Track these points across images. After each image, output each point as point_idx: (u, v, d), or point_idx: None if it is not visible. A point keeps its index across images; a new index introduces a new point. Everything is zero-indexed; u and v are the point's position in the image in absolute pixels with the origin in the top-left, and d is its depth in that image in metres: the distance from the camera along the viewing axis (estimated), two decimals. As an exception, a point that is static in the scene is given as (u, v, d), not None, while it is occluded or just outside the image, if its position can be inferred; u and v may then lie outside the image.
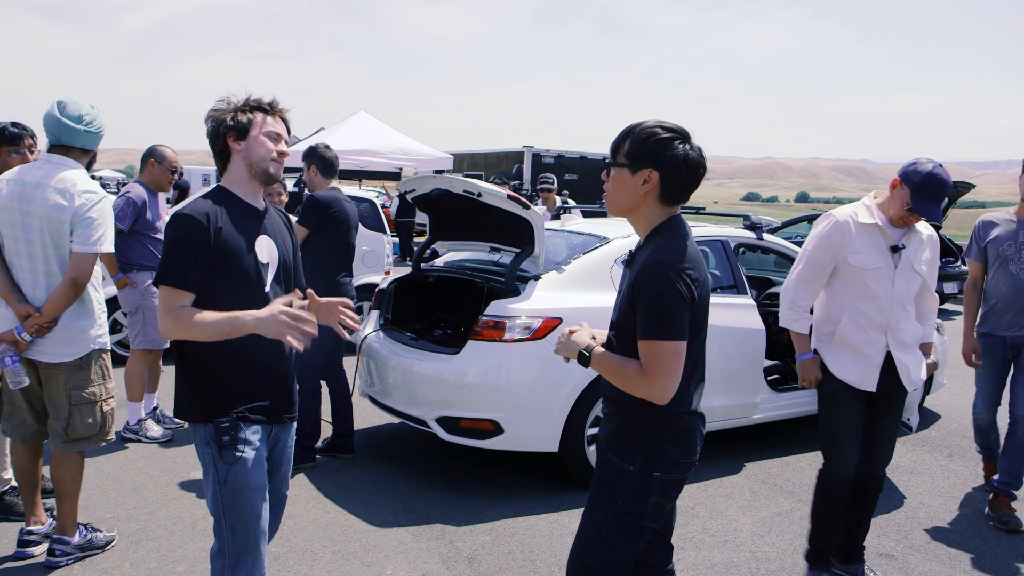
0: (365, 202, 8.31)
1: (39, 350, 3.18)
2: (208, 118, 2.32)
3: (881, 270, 3.12)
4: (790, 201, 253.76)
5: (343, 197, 4.60)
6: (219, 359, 2.25)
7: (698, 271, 2.03)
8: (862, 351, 3.17)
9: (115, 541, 3.50)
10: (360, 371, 4.89)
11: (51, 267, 3.15)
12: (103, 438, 3.34)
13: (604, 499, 2.16)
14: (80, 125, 3.19)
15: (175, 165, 4.99)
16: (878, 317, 3.15)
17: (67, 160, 3.20)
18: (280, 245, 2.41)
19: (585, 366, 2.14)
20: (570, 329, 2.22)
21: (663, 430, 2.09)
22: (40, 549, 3.37)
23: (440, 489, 4.33)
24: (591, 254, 4.55)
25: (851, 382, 3.19)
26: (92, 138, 3.26)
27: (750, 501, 4.34)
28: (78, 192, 3.12)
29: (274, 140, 2.32)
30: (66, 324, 3.18)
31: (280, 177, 2.41)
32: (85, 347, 3.23)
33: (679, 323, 1.98)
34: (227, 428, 2.22)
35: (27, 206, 3.10)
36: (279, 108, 2.37)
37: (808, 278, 3.25)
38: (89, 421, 3.25)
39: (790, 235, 13.67)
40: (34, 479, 3.41)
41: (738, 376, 4.78)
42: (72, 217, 3.10)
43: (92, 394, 3.26)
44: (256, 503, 2.29)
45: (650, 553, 2.29)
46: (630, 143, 2.07)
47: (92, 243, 3.13)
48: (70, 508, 3.30)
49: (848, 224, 3.15)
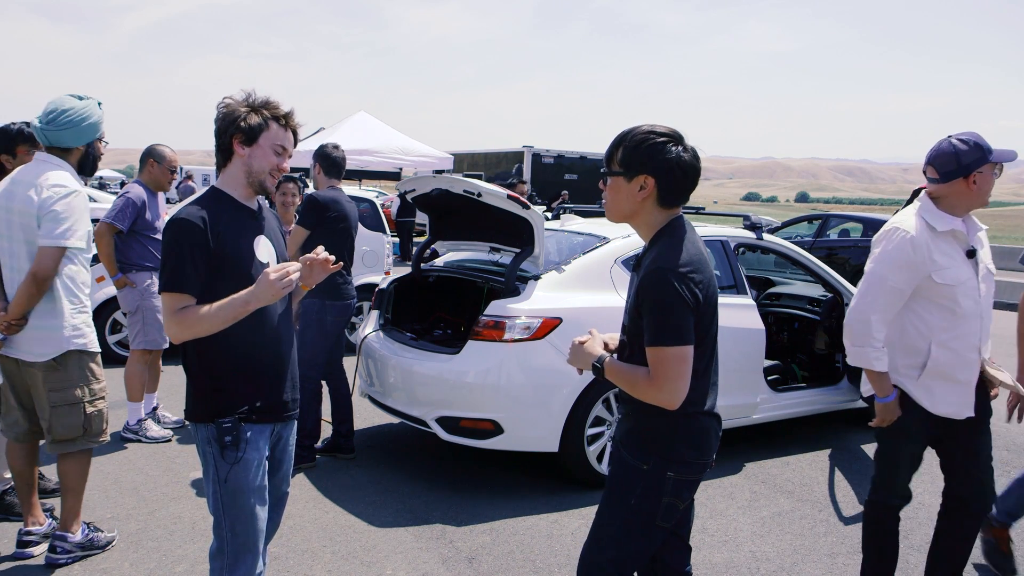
0: (365, 202, 8.31)
1: (16, 348, 3.16)
2: (221, 110, 2.30)
3: (969, 282, 2.74)
4: (790, 201, 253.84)
5: (343, 197, 4.60)
6: (221, 359, 2.25)
7: (701, 273, 2.03)
8: (958, 378, 2.78)
9: (115, 541, 3.49)
10: (360, 371, 4.89)
11: (23, 264, 3.14)
12: (91, 440, 3.28)
13: (617, 498, 2.17)
14: (44, 124, 3.14)
15: (174, 164, 4.99)
16: (972, 336, 2.76)
17: (53, 159, 3.19)
18: (276, 244, 2.43)
19: (600, 378, 2.16)
20: (580, 340, 2.21)
21: (677, 430, 2.10)
22: (40, 549, 3.36)
23: (440, 489, 4.33)
24: (591, 254, 4.55)
25: (948, 414, 2.81)
26: (68, 134, 3.17)
27: (750, 501, 4.34)
28: (47, 186, 3.09)
29: (278, 154, 2.31)
30: (36, 323, 3.14)
31: (273, 191, 2.40)
32: (59, 347, 3.15)
33: (683, 328, 1.98)
34: (229, 428, 2.22)
35: (10, 203, 3.13)
36: (291, 120, 2.34)
37: (884, 307, 2.75)
38: (70, 424, 3.19)
39: (790, 235, 13.71)
40: (30, 480, 3.39)
41: (738, 376, 4.78)
42: (38, 210, 3.07)
43: (72, 396, 3.19)
44: (256, 503, 2.29)
45: (667, 554, 2.30)
46: (623, 150, 2.07)
47: (55, 236, 3.06)
48: (73, 504, 3.28)
49: (923, 236, 2.72)
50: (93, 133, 3.26)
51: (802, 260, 5.45)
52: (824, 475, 4.79)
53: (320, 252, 2.39)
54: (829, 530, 4.00)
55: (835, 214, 14.63)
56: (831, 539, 3.90)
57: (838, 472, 4.85)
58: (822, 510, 4.25)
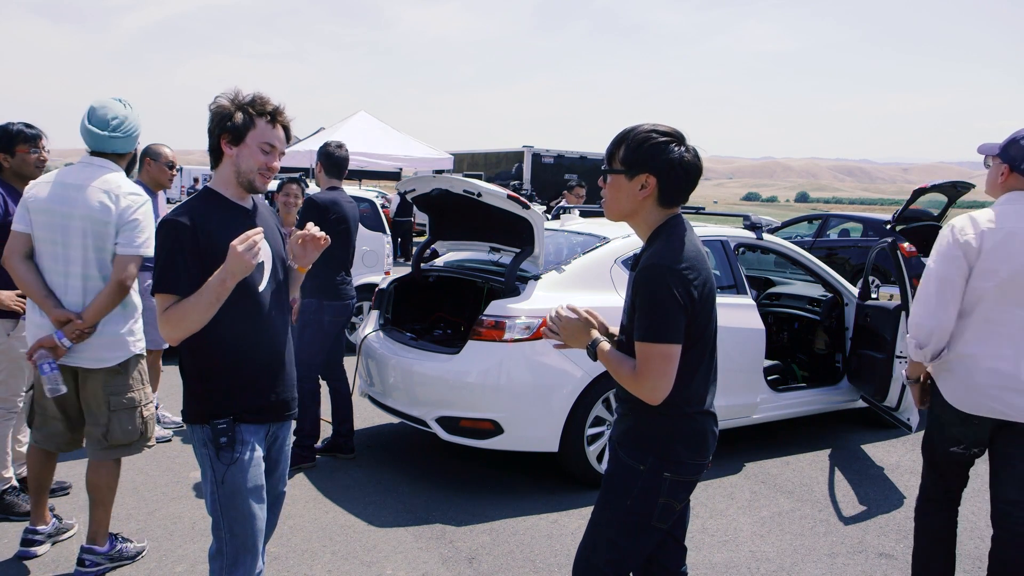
0: (365, 202, 8.30)
1: (78, 356, 3.09)
2: (211, 110, 2.29)
3: None
4: (790, 201, 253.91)
5: (343, 197, 4.61)
6: (215, 360, 2.25)
7: (697, 271, 2.02)
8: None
9: (146, 551, 3.43)
10: (360, 371, 4.89)
11: (90, 271, 3.08)
12: (144, 444, 3.27)
13: (613, 498, 2.16)
14: (106, 131, 3.13)
15: (172, 161, 4.96)
16: None
17: (107, 163, 3.17)
18: (272, 241, 2.40)
19: (593, 359, 2.17)
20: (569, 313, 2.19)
21: (674, 430, 2.09)
22: (43, 549, 3.35)
23: (440, 489, 4.33)
24: (591, 254, 4.55)
25: None
26: (123, 142, 3.20)
27: (750, 501, 4.34)
28: (123, 194, 3.09)
29: (267, 153, 2.28)
30: (108, 328, 3.11)
31: (266, 190, 2.39)
32: (126, 352, 3.16)
33: (672, 326, 1.98)
34: (224, 429, 2.22)
35: (68, 208, 3.04)
36: (281, 116, 2.31)
37: None
38: (129, 428, 3.18)
39: (790, 235, 13.70)
40: (46, 484, 3.38)
41: (738, 376, 4.78)
42: (117, 219, 3.05)
43: (132, 399, 3.19)
44: (253, 503, 2.29)
45: (663, 554, 2.30)
46: (625, 149, 2.07)
47: (137, 245, 3.08)
48: (103, 516, 3.23)
49: None
50: (138, 140, 3.34)
51: (802, 260, 5.45)
52: (824, 475, 4.79)
53: (311, 228, 2.40)
54: (829, 530, 4.00)
55: (835, 214, 14.62)
56: (831, 539, 3.89)
57: (838, 472, 4.85)
58: (822, 510, 4.25)
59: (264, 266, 2.34)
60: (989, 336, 2.69)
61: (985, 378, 2.68)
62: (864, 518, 4.17)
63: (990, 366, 2.67)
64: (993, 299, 2.68)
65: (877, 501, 4.39)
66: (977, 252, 2.67)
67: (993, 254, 2.66)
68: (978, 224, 2.70)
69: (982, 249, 2.66)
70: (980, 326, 2.71)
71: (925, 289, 2.76)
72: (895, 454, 5.21)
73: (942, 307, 2.70)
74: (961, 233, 2.70)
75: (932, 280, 2.74)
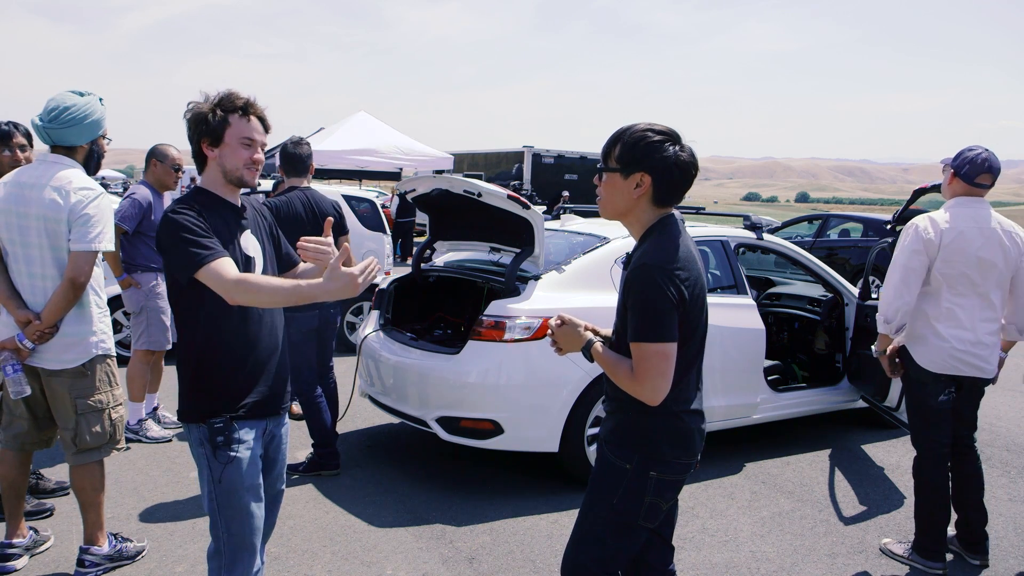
0: (365, 202, 8.29)
1: (40, 357, 3.05)
2: (186, 119, 2.30)
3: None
4: (790, 201, 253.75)
5: (299, 196, 4.32)
6: (209, 358, 2.26)
7: (688, 271, 2.02)
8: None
9: (146, 551, 3.41)
10: (360, 371, 4.89)
11: (48, 270, 3.01)
12: (114, 446, 3.22)
13: (600, 497, 2.16)
14: (47, 122, 2.99)
15: (177, 163, 4.95)
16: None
17: (63, 159, 3.07)
18: (263, 240, 2.41)
19: (589, 361, 2.18)
20: (561, 322, 2.23)
21: (660, 429, 2.09)
22: (21, 563, 3.25)
23: (440, 489, 4.33)
24: (591, 254, 4.55)
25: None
26: (71, 132, 3.04)
27: (750, 501, 4.34)
28: (74, 189, 2.98)
29: (247, 147, 2.28)
30: (66, 329, 3.04)
31: (255, 184, 2.38)
32: (87, 352, 3.10)
33: (666, 325, 1.98)
34: (221, 428, 2.23)
35: (23, 207, 2.98)
36: (253, 108, 2.30)
37: None
38: (96, 430, 3.12)
39: (790, 235, 13.69)
40: (21, 490, 3.28)
41: (738, 376, 4.78)
42: (68, 215, 2.96)
43: (99, 402, 3.13)
44: (251, 502, 2.29)
45: (650, 553, 2.29)
46: (621, 147, 2.07)
47: (90, 240, 2.97)
48: (95, 518, 3.19)
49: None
50: (96, 130, 3.14)
51: (802, 260, 5.45)
52: (824, 475, 4.79)
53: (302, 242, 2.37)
54: (829, 530, 4.00)
55: (835, 214, 14.62)
56: (831, 539, 3.90)
57: (838, 472, 4.85)
58: (822, 510, 4.25)
59: (255, 261, 2.34)
60: (951, 314, 3.41)
61: (949, 346, 3.41)
62: (864, 518, 4.17)
63: (953, 335, 3.40)
64: (953, 285, 3.40)
65: (877, 501, 4.39)
66: (937, 247, 3.37)
67: (949, 249, 3.36)
68: (937, 224, 3.39)
69: (941, 244, 3.37)
70: (944, 307, 3.42)
71: (892, 276, 3.46)
72: (895, 454, 5.21)
73: (907, 290, 3.41)
74: (924, 232, 3.39)
75: (898, 269, 3.44)
